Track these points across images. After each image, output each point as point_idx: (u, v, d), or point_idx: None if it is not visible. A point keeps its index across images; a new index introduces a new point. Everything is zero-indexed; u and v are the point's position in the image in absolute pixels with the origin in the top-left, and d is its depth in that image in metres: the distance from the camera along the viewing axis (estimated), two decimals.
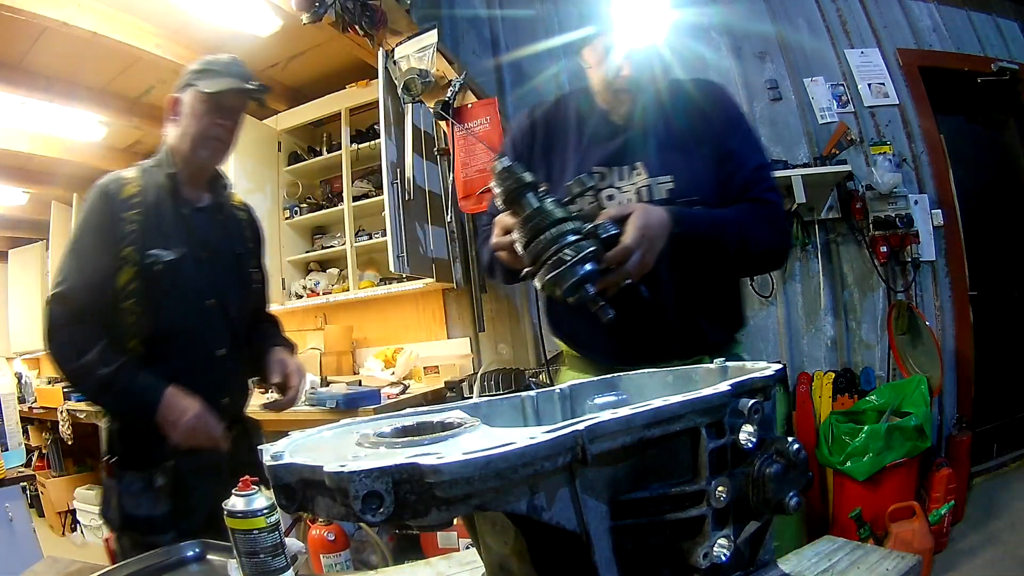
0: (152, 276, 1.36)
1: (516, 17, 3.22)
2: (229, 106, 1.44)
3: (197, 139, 1.42)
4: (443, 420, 0.59)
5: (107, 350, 1.33)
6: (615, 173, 1.22)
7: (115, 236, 1.36)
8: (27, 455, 3.91)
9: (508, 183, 0.95)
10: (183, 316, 1.41)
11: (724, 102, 1.25)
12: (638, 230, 0.98)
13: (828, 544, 0.65)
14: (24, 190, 4.95)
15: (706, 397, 0.52)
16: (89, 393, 1.41)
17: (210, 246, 1.47)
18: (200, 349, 1.43)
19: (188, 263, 1.41)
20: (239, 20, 2.88)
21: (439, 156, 2.95)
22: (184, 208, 1.45)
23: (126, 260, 1.35)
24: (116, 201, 1.39)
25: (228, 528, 0.86)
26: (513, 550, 0.56)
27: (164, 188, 1.43)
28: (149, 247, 1.37)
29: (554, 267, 0.92)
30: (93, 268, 1.36)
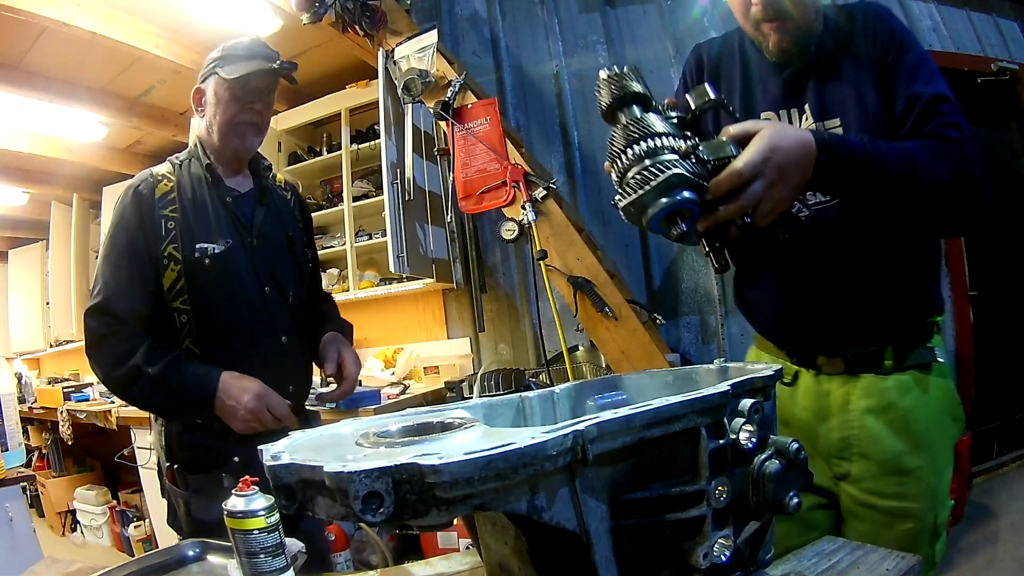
0: (200, 271, 1.31)
1: (516, 17, 3.22)
2: (256, 88, 1.36)
3: (225, 127, 1.37)
4: (443, 420, 0.59)
5: (152, 350, 1.27)
6: (784, 119, 1.05)
7: (154, 236, 1.31)
8: (27, 455, 3.91)
9: (612, 91, 0.78)
10: (240, 308, 1.35)
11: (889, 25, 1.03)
12: (761, 152, 0.77)
13: (828, 544, 0.65)
14: (24, 190, 4.95)
15: (706, 397, 0.52)
16: (141, 397, 1.31)
17: (260, 232, 1.41)
18: (263, 339, 1.37)
19: (238, 253, 1.36)
20: (239, 20, 2.88)
21: (439, 156, 2.95)
22: (227, 197, 1.39)
23: (170, 259, 1.30)
24: (150, 200, 1.33)
25: (228, 528, 0.86)
26: (513, 550, 0.56)
27: (201, 180, 1.38)
28: (194, 242, 1.31)
29: (636, 187, 0.72)
30: (130, 274, 1.30)
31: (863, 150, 0.86)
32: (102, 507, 4.27)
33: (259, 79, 1.36)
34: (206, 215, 1.35)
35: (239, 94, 1.35)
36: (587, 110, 3.08)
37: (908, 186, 0.87)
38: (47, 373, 5.95)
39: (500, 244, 3.08)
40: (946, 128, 0.92)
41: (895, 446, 1.01)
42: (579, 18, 3.14)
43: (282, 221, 1.49)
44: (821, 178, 0.84)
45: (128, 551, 3.92)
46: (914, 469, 1.01)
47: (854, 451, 1.04)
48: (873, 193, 0.88)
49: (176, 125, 4.13)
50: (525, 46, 3.18)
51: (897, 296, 1.02)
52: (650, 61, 2.98)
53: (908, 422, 1.01)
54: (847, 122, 0.99)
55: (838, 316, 1.03)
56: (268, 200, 1.47)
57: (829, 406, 1.06)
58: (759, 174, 0.77)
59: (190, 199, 1.36)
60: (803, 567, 0.60)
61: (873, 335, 1.02)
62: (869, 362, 1.03)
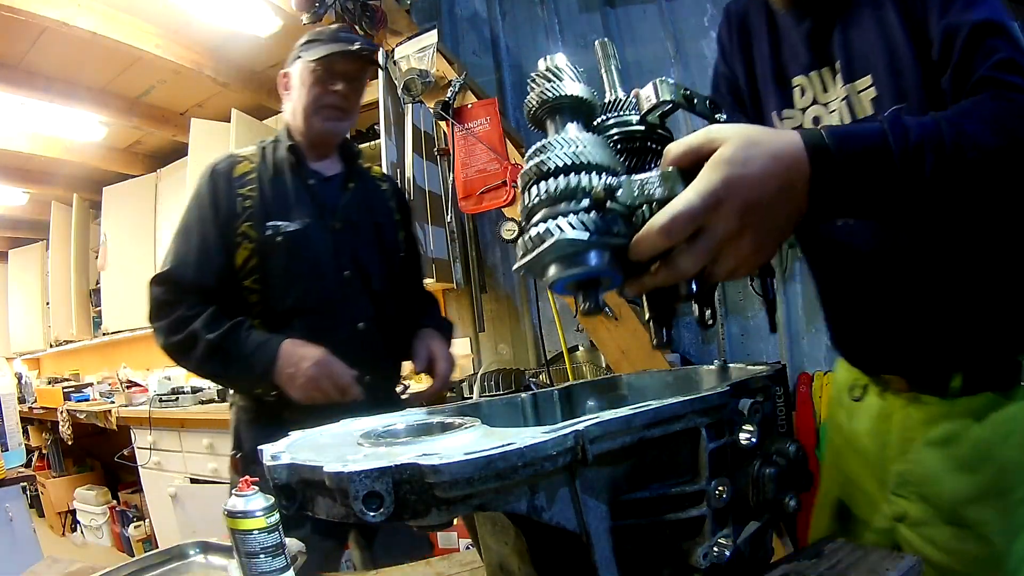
0: (272, 249, 1.30)
1: (516, 17, 3.22)
2: (339, 72, 1.37)
3: (309, 109, 1.38)
4: (443, 420, 0.59)
5: (214, 318, 1.26)
6: (817, 82, 0.84)
7: (228, 214, 1.31)
8: (27, 455, 3.91)
9: (541, 94, 0.59)
10: (313, 288, 1.33)
11: None
12: (707, 194, 0.51)
13: (828, 544, 0.65)
14: (24, 190, 4.95)
15: (706, 397, 0.52)
16: (197, 363, 1.30)
17: (344, 216, 1.39)
18: (336, 322, 1.33)
19: (317, 233, 1.34)
20: (239, 20, 2.88)
21: (439, 156, 2.95)
22: (309, 179, 1.39)
23: (244, 237, 1.30)
24: (227, 179, 1.35)
25: (227, 528, 0.86)
26: (513, 550, 0.56)
27: (284, 162, 1.39)
28: (268, 220, 1.31)
29: (524, 248, 0.54)
30: (200, 248, 1.31)
31: (882, 145, 0.57)
32: (102, 507, 4.28)
33: (341, 62, 1.36)
34: (285, 195, 1.35)
35: (321, 76, 1.36)
36: None
37: (959, 181, 0.59)
38: (47, 373, 5.95)
39: (500, 244, 3.08)
40: (1003, 71, 0.65)
41: (956, 489, 0.78)
42: (579, 18, 3.14)
43: (371, 208, 1.46)
44: (824, 204, 0.56)
45: (128, 551, 3.93)
46: (978, 523, 0.76)
47: (911, 489, 0.83)
48: (908, 205, 0.59)
49: (176, 125, 4.13)
50: (525, 46, 3.18)
51: (971, 314, 0.77)
52: (650, 61, 2.98)
53: (976, 459, 0.77)
54: (878, 78, 0.77)
55: (893, 329, 0.83)
56: (356, 185, 1.45)
57: (890, 431, 0.86)
58: (705, 227, 0.52)
59: (270, 179, 1.36)
60: (803, 567, 0.60)
61: (937, 358, 0.80)
62: (933, 383, 0.81)
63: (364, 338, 1.36)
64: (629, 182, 0.54)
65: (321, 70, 1.36)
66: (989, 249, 0.77)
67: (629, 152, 0.64)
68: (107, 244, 4.84)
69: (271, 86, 3.75)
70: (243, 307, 1.31)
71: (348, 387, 1.23)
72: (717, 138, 0.54)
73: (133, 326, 4.76)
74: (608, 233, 0.52)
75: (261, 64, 3.54)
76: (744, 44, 0.96)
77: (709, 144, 0.54)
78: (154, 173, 4.71)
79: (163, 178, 4.66)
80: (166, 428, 3.28)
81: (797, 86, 0.86)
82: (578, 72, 0.61)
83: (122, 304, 4.77)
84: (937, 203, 0.60)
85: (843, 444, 0.97)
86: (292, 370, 1.20)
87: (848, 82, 0.79)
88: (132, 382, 4.00)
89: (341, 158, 1.47)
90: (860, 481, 0.92)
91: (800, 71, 0.86)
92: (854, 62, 0.79)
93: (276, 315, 1.31)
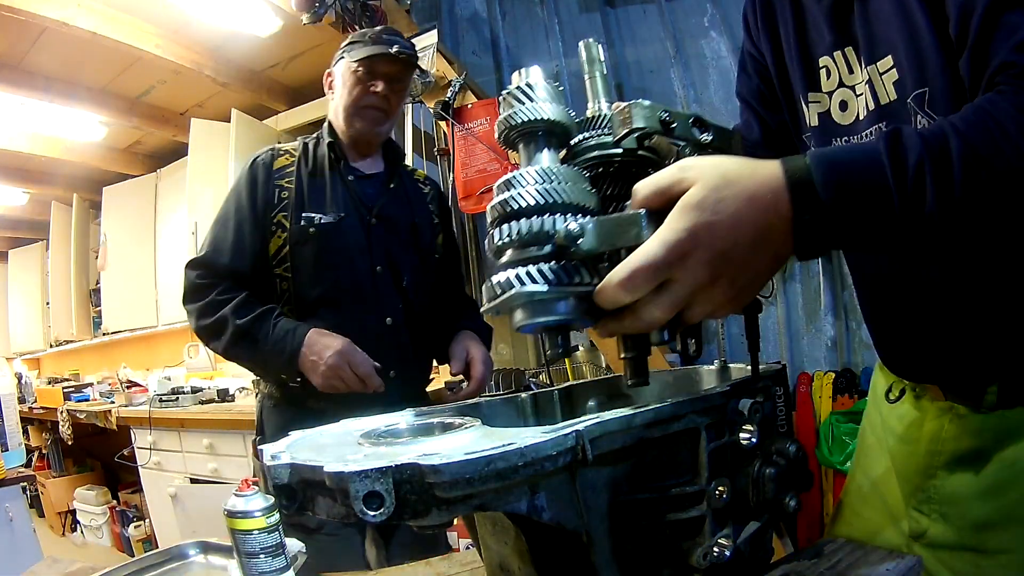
0: (305, 239, 1.34)
1: (516, 17, 3.22)
2: (380, 73, 1.40)
3: (350, 109, 1.41)
4: (443, 420, 0.59)
5: (244, 304, 1.30)
6: (842, 62, 0.77)
7: (266, 204, 1.35)
8: (27, 455, 3.91)
9: (510, 118, 0.57)
10: (343, 280, 1.37)
11: None
12: (671, 244, 0.48)
13: (828, 544, 0.65)
14: (24, 190, 4.95)
15: (706, 397, 0.52)
16: (228, 347, 1.32)
17: (381, 213, 1.42)
18: (364, 315, 1.36)
19: (350, 227, 1.37)
20: (239, 20, 2.88)
21: (439, 156, 2.95)
22: (349, 176, 1.43)
23: (278, 226, 1.35)
24: (267, 170, 1.39)
25: (228, 528, 0.86)
26: (513, 550, 0.56)
27: (325, 158, 1.42)
28: (303, 211, 1.35)
29: (498, 291, 0.51)
30: (236, 236, 1.35)
31: (877, 174, 0.50)
32: (102, 507, 4.28)
33: (382, 63, 1.39)
34: (322, 189, 1.39)
35: (362, 77, 1.39)
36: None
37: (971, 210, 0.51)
38: (47, 373, 5.95)
39: None
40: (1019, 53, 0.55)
41: (979, 512, 0.72)
42: (579, 18, 3.14)
43: (411, 208, 1.49)
44: (811, 245, 0.51)
45: (128, 551, 3.93)
46: (999, 551, 0.70)
47: (934, 508, 0.77)
48: (912, 240, 0.52)
49: (176, 125, 4.13)
50: (525, 46, 3.19)
51: (1009, 324, 0.70)
52: (650, 61, 2.98)
53: (1005, 480, 0.70)
54: (898, 60, 0.69)
55: (931, 337, 0.76)
56: (396, 185, 1.49)
57: (920, 439, 0.80)
58: (671, 280, 0.48)
59: (309, 173, 1.40)
60: (803, 567, 0.60)
61: (974, 367, 0.73)
62: (968, 393, 0.74)
63: (392, 334, 1.38)
64: (598, 225, 0.51)
65: (362, 71, 1.39)
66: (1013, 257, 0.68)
67: (609, 176, 0.61)
68: (107, 244, 4.84)
69: (271, 86, 3.75)
70: (275, 295, 1.36)
71: (369, 377, 1.25)
72: (687, 178, 0.49)
73: (133, 326, 4.76)
74: (571, 284, 0.50)
75: (261, 64, 3.54)
76: (769, 21, 0.89)
77: (678, 184, 0.50)
78: (154, 173, 4.72)
79: (163, 178, 4.66)
80: (166, 428, 3.28)
81: (823, 67, 0.80)
82: (554, 89, 0.58)
83: (122, 304, 4.77)
84: (949, 233, 0.52)
85: (875, 443, 0.91)
86: (315, 358, 1.23)
87: (870, 63, 0.72)
88: (132, 382, 4.00)
89: (384, 158, 1.51)
90: (884, 488, 0.87)
91: (825, 51, 0.80)
92: (874, 41, 0.72)
93: (305, 304, 1.35)
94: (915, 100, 0.68)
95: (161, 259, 4.51)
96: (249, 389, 3.70)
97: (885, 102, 0.72)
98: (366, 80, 1.39)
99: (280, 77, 3.73)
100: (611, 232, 0.51)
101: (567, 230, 0.50)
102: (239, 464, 2.87)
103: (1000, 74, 0.57)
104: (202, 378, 4.00)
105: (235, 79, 3.48)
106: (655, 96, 0.71)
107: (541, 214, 0.52)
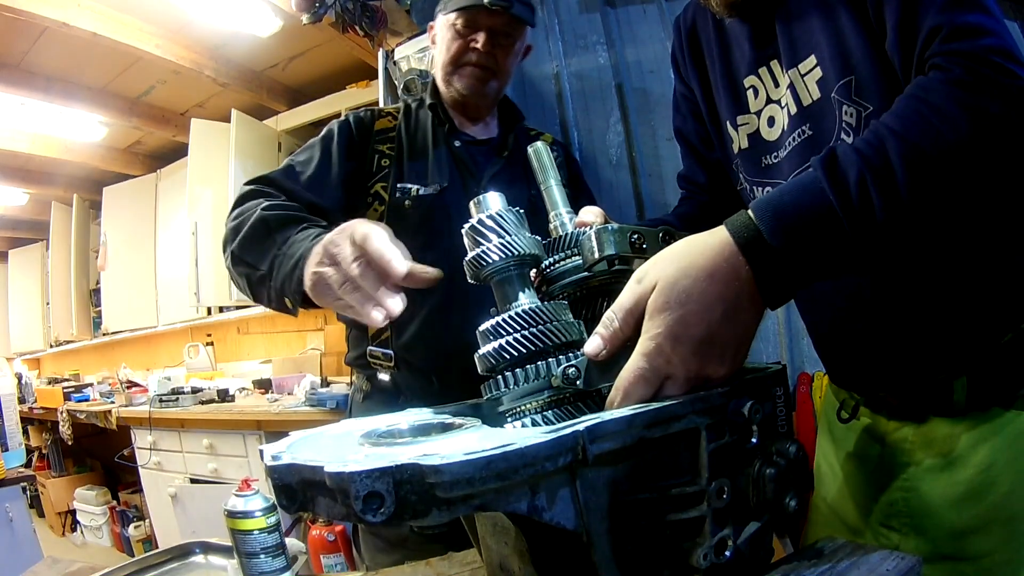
0: (403, 213, 1.15)
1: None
2: (484, 26, 1.22)
3: (447, 67, 1.25)
4: (444, 420, 0.59)
5: (288, 206, 1.00)
6: (767, 78, 0.79)
7: (362, 168, 1.18)
8: (27, 455, 3.91)
9: (478, 260, 0.58)
10: (442, 262, 0.92)
11: None
12: (655, 347, 0.51)
13: (828, 544, 0.65)
14: (24, 190, 4.96)
15: (706, 397, 0.52)
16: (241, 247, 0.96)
17: (491, 182, 1.24)
18: (467, 301, 1.04)
19: (453, 199, 1.18)
20: (239, 20, 2.88)
21: None
22: (455, 141, 1.25)
23: (375, 198, 1.17)
24: (368, 129, 1.23)
25: (227, 528, 0.86)
26: (513, 550, 0.56)
27: (429, 121, 1.27)
28: (401, 181, 1.18)
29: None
30: (318, 171, 1.13)
31: (820, 202, 0.51)
32: (102, 507, 4.28)
33: (483, 15, 1.21)
34: (425, 156, 1.23)
35: (461, 31, 1.22)
36: (587, 111, 3.08)
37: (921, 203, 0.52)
38: (47, 373, 5.95)
39: None
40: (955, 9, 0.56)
41: (956, 520, 0.70)
42: (579, 18, 3.14)
43: (530, 178, 1.29)
44: (778, 292, 0.52)
45: (128, 551, 3.93)
46: (980, 556, 0.69)
47: (904, 521, 0.75)
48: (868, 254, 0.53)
49: (176, 125, 4.13)
50: None
51: (966, 297, 0.68)
52: (650, 61, 2.98)
53: (980, 485, 0.69)
54: (822, 57, 0.71)
55: (883, 341, 0.73)
56: (513, 151, 1.30)
57: (881, 455, 0.78)
58: (667, 378, 0.52)
59: (410, 138, 1.24)
60: (803, 567, 0.60)
61: (931, 360, 0.70)
62: (931, 400, 0.71)
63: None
64: (587, 365, 0.54)
65: (461, 24, 1.21)
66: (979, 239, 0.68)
67: (585, 300, 0.62)
68: (107, 244, 4.84)
69: (271, 86, 3.75)
70: None
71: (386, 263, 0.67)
72: (645, 287, 0.52)
73: (133, 326, 4.77)
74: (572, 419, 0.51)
75: (261, 64, 3.54)
76: (696, 56, 0.92)
77: (641, 298, 0.52)
78: (154, 173, 4.72)
79: (163, 178, 4.66)
80: (166, 428, 3.28)
81: (749, 87, 0.82)
82: (516, 215, 0.59)
83: (122, 304, 4.77)
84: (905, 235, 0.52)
85: (827, 471, 0.90)
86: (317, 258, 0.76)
87: (791, 67, 0.74)
88: (132, 382, 4.01)
89: (500, 122, 1.35)
90: (842, 511, 0.86)
91: (749, 71, 0.82)
92: (796, 45, 0.73)
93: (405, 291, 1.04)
94: (840, 92, 0.69)
95: (161, 259, 4.51)
96: (249, 390, 3.70)
97: (808, 103, 0.73)
98: (466, 35, 1.21)
99: (280, 77, 3.74)
100: (604, 370, 0.54)
101: (564, 374, 0.53)
102: (239, 464, 2.87)
103: (929, 45, 0.57)
104: (202, 378, 4.00)
105: (235, 79, 3.48)
106: (655, 96, 0.71)
107: (535, 360, 0.54)
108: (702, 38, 0.90)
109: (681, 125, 1.02)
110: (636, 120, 3.13)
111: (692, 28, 0.93)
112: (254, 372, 4.06)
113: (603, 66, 3.24)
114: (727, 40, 0.86)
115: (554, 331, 0.55)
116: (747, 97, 0.83)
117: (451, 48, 1.23)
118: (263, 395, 3.46)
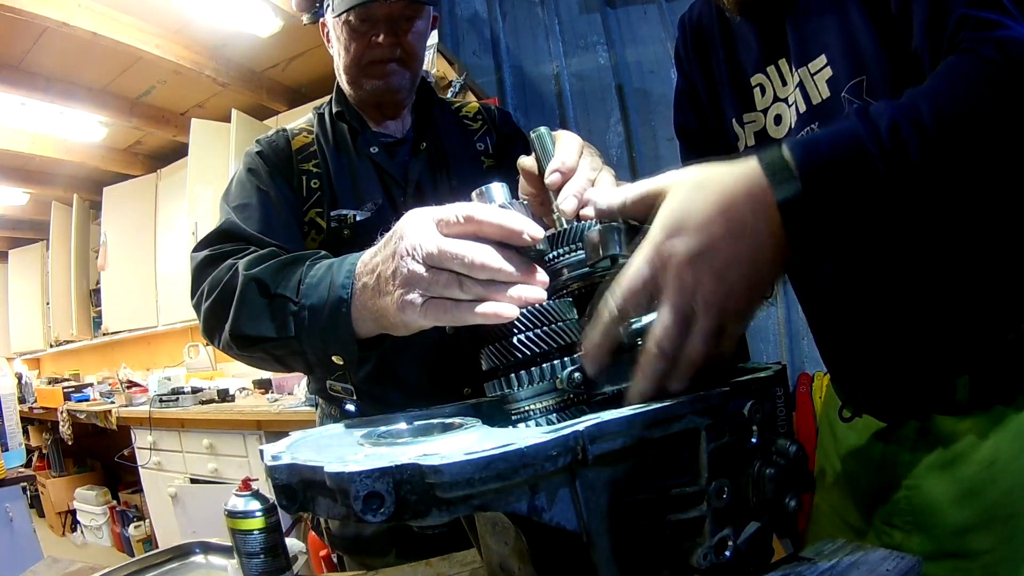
0: (341, 243, 1.02)
1: (516, 17, 3.22)
2: (382, 18, 1.06)
3: (352, 69, 1.12)
4: (443, 421, 0.59)
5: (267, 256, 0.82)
6: (775, 76, 0.79)
7: (292, 194, 1.05)
8: (27, 455, 3.91)
9: None
10: None
11: None
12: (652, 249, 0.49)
13: (828, 544, 0.65)
14: (24, 190, 4.96)
15: (706, 397, 0.52)
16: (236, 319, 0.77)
17: (415, 189, 1.10)
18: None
19: (387, 218, 0.64)
20: (239, 20, 2.89)
21: None
22: (371, 147, 1.11)
23: (311, 226, 1.05)
24: (286, 152, 1.08)
25: (227, 528, 0.86)
26: (513, 550, 0.56)
27: (343, 129, 1.14)
28: (335, 206, 1.06)
29: None
30: (263, 212, 0.99)
31: (853, 140, 0.50)
32: (102, 507, 4.28)
33: (378, 7, 1.05)
34: (349, 172, 1.09)
35: (358, 28, 1.07)
36: (587, 110, 3.08)
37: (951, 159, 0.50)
38: (47, 373, 5.96)
39: None
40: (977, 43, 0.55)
41: (958, 518, 0.71)
42: (579, 18, 3.14)
43: (448, 166, 1.14)
44: (801, 231, 0.49)
45: (128, 551, 3.93)
46: (981, 553, 0.69)
47: (907, 519, 0.75)
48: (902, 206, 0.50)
49: (176, 125, 4.14)
50: (525, 46, 3.19)
51: (970, 296, 0.68)
52: (650, 61, 2.99)
53: (981, 483, 0.69)
54: (832, 56, 0.71)
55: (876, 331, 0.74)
56: (430, 143, 1.15)
57: (884, 454, 0.78)
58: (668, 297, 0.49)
59: (332, 151, 1.11)
60: (803, 567, 0.60)
61: (934, 359, 0.70)
62: (933, 398, 0.71)
63: (454, 345, 0.95)
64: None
65: (356, 21, 1.06)
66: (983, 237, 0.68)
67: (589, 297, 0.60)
68: (107, 244, 4.84)
69: (271, 86, 3.75)
70: None
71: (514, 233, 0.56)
72: (664, 188, 0.52)
73: (133, 326, 4.77)
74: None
75: (261, 64, 3.54)
76: (701, 53, 0.91)
77: (656, 194, 0.53)
78: (154, 173, 4.72)
79: (163, 178, 4.66)
80: (166, 428, 3.28)
81: (756, 85, 0.82)
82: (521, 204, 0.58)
83: (122, 304, 4.78)
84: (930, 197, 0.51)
85: (829, 470, 0.90)
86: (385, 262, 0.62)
87: (801, 66, 0.73)
88: (132, 382, 4.01)
89: (412, 110, 1.19)
90: (844, 510, 0.86)
91: (757, 68, 0.81)
92: (806, 44, 0.73)
93: None
94: (851, 91, 0.69)
95: (161, 259, 4.52)
96: (249, 389, 3.70)
97: (817, 101, 0.73)
98: (364, 31, 1.07)
99: (280, 77, 3.74)
100: (611, 375, 0.54)
101: (571, 377, 0.53)
102: (239, 464, 2.87)
103: (958, 34, 0.57)
104: (202, 378, 4.00)
105: (235, 79, 3.48)
106: (655, 96, 0.72)
107: (542, 361, 0.54)
108: (708, 35, 0.90)
109: (683, 122, 1.01)
110: (636, 120, 3.13)
111: (698, 25, 0.92)
112: (254, 372, 4.05)
113: (603, 66, 3.24)
114: (734, 38, 0.85)
115: (564, 330, 0.55)
116: (754, 95, 0.83)
117: (351, 49, 1.09)
118: (263, 395, 3.46)
